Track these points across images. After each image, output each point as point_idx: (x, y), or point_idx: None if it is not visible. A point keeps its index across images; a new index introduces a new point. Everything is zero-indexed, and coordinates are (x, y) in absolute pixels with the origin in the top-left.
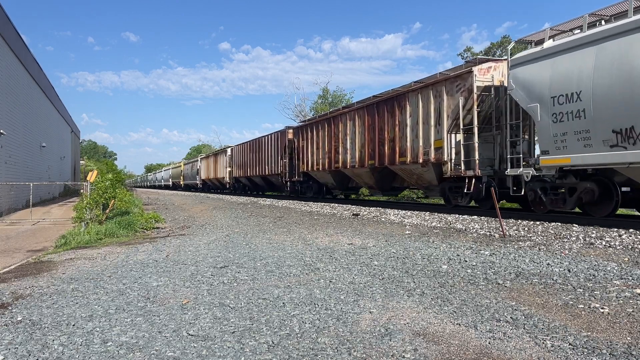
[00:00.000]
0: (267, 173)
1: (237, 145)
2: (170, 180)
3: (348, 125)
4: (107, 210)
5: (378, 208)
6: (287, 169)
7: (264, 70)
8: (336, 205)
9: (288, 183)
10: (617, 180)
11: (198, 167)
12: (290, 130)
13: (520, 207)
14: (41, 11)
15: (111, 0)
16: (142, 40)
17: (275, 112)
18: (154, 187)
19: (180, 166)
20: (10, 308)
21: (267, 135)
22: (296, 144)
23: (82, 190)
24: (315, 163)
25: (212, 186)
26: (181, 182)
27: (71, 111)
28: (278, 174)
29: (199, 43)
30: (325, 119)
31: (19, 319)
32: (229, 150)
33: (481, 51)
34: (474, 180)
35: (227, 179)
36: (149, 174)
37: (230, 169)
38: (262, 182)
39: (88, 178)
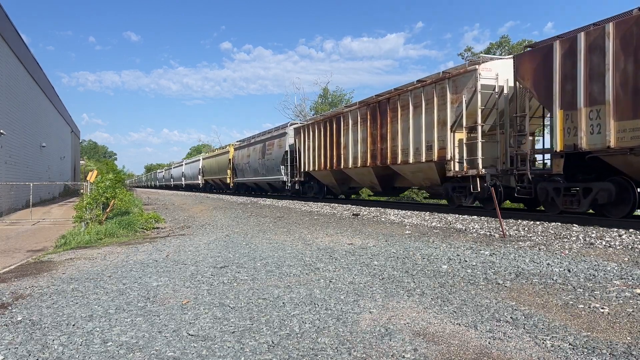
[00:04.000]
0: None
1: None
2: (201, 177)
3: None
4: (107, 210)
5: (378, 208)
6: None
7: (266, 70)
8: (336, 205)
9: None
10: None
11: (287, 149)
12: None
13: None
14: (42, 11)
15: (112, 0)
16: (143, 40)
17: (276, 112)
18: (167, 188)
19: (228, 153)
20: (10, 308)
21: None
22: None
23: (82, 190)
24: None
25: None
26: (228, 180)
27: (72, 111)
28: None
29: (200, 43)
30: None
31: (19, 319)
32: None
33: (481, 51)
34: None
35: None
36: (158, 171)
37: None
38: None
39: (88, 178)
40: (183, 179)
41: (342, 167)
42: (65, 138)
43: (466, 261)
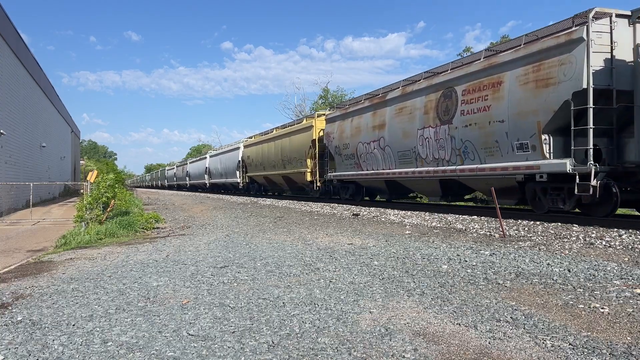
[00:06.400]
0: None
1: None
2: (240, 174)
3: None
4: (108, 210)
5: (378, 208)
6: None
7: (266, 69)
8: (336, 205)
9: None
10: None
11: (590, 83)
12: None
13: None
14: (42, 10)
15: None
16: (144, 40)
17: (277, 113)
18: (180, 188)
19: (308, 130)
20: (10, 308)
21: None
22: None
23: (82, 190)
24: None
25: None
26: (308, 177)
27: (72, 111)
28: None
29: (201, 42)
30: None
31: (19, 319)
32: None
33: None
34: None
35: None
36: (167, 168)
37: None
38: None
39: (88, 178)
40: (207, 176)
41: None
42: (65, 138)
43: (466, 261)
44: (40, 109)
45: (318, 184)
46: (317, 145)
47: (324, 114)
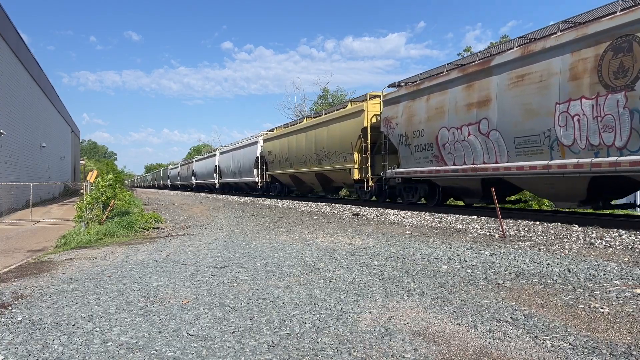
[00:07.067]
0: None
1: None
2: (259, 172)
3: None
4: (108, 210)
5: (378, 208)
6: None
7: (267, 69)
8: (336, 205)
9: None
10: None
11: None
12: None
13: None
14: (42, 10)
15: None
16: (144, 40)
17: (277, 113)
18: (184, 189)
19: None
20: (10, 308)
21: None
22: None
23: (82, 190)
24: None
25: None
26: (363, 175)
27: (72, 111)
28: None
29: (201, 42)
30: None
31: (19, 319)
32: None
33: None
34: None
35: None
36: (170, 167)
37: None
38: None
39: (88, 178)
40: (216, 175)
41: None
42: (65, 138)
43: (466, 261)
44: (40, 109)
45: (370, 183)
46: (369, 136)
47: (378, 95)
